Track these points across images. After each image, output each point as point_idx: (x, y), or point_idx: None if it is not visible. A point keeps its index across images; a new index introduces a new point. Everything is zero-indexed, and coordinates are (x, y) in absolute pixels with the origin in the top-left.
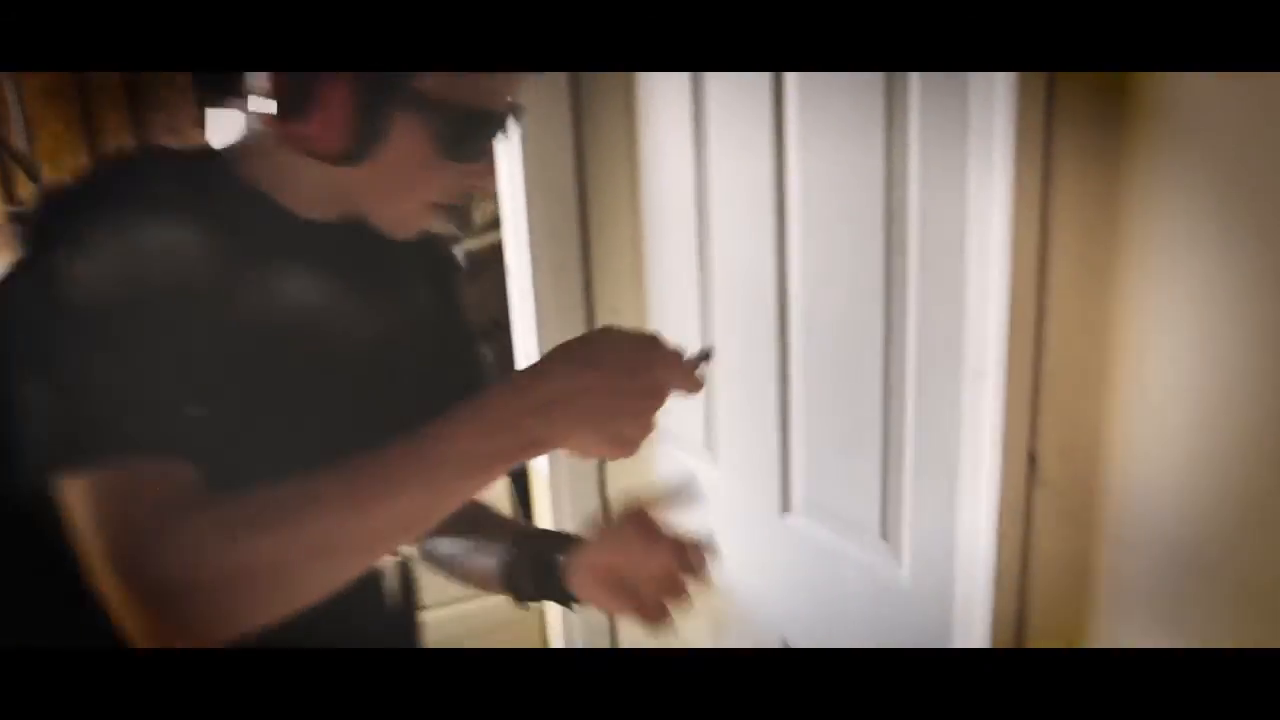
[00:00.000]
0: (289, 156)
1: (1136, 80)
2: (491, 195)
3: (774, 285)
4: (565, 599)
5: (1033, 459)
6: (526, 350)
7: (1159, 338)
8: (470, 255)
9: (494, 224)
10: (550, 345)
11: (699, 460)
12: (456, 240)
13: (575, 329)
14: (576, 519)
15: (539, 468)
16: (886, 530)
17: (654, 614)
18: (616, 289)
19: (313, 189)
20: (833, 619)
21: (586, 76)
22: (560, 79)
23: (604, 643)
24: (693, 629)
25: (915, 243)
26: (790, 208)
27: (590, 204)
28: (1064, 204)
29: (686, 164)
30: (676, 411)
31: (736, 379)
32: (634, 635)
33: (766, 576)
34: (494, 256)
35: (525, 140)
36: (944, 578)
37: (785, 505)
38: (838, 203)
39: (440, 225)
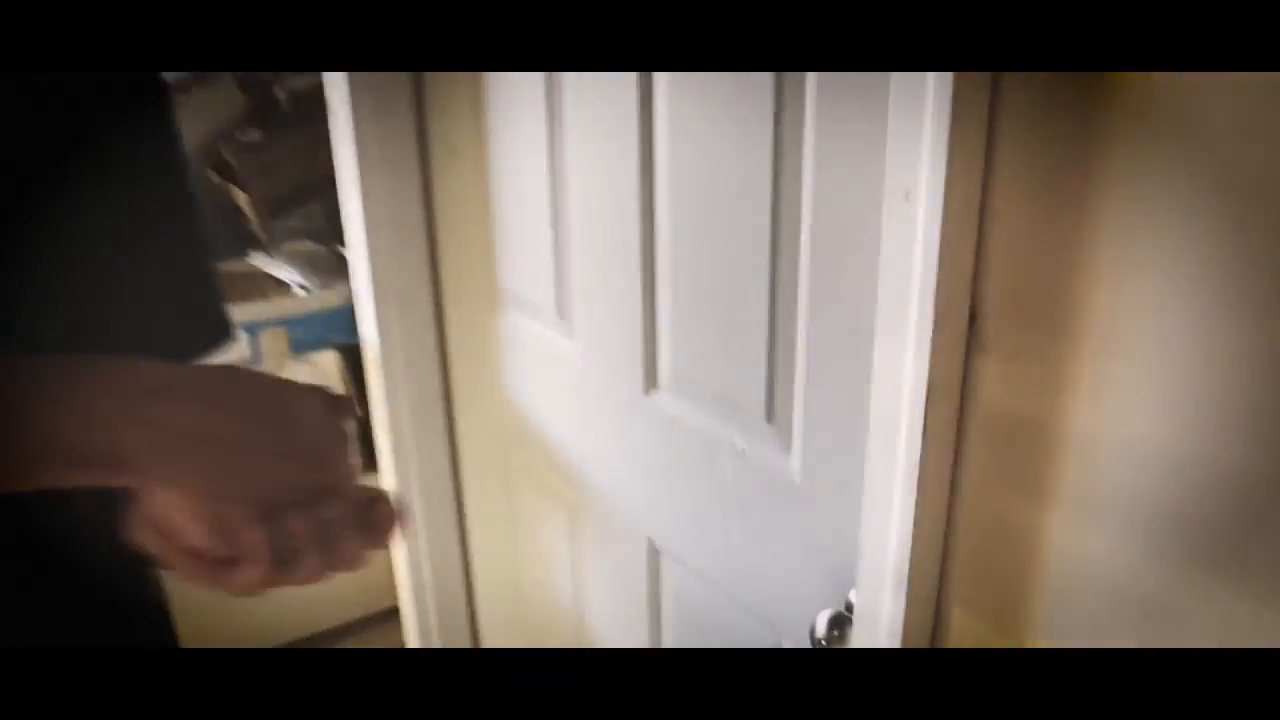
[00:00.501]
0: None
1: None
2: None
3: (636, 112)
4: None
5: (974, 317)
6: (355, 208)
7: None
8: (295, 96)
9: None
10: (380, 200)
11: (549, 329)
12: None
13: (409, 173)
14: (422, 463)
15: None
16: (773, 410)
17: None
18: (455, 126)
19: None
20: (707, 517)
21: None
22: None
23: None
24: (548, 529)
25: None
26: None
27: None
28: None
29: None
30: (522, 273)
31: (591, 230)
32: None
33: (630, 467)
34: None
35: None
36: (846, 469)
37: (650, 381)
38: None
39: None
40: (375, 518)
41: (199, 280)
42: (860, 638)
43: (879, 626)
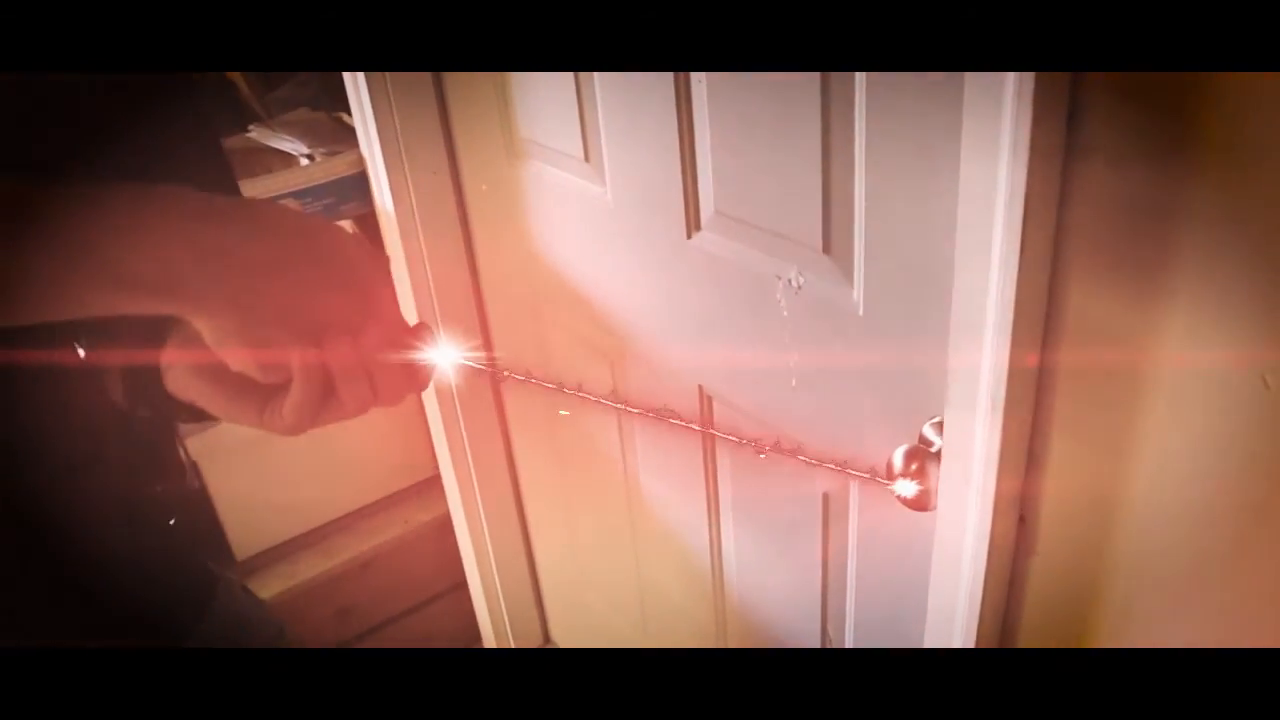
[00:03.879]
0: None
1: None
2: None
3: None
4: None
5: (1074, 114)
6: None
7: None
8: None
9: None
10: None
11: (577, 177)
12: None
13: None
14: (450, 329)
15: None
16: (830, 240)
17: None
18: None
19: None
20: (763, 358)
21: None
22: None
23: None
24: (589, 384)
25: None
26: None
27: None
28: None
29: None
30: (544, 119)
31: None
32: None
33: (674, 314)
34: None
35: None
36: (913, 297)
37: (692, 223)
38: None
39: None
40: (415, 354)
41: (209, 158)
42: (949, 469)
43: (971, 457)
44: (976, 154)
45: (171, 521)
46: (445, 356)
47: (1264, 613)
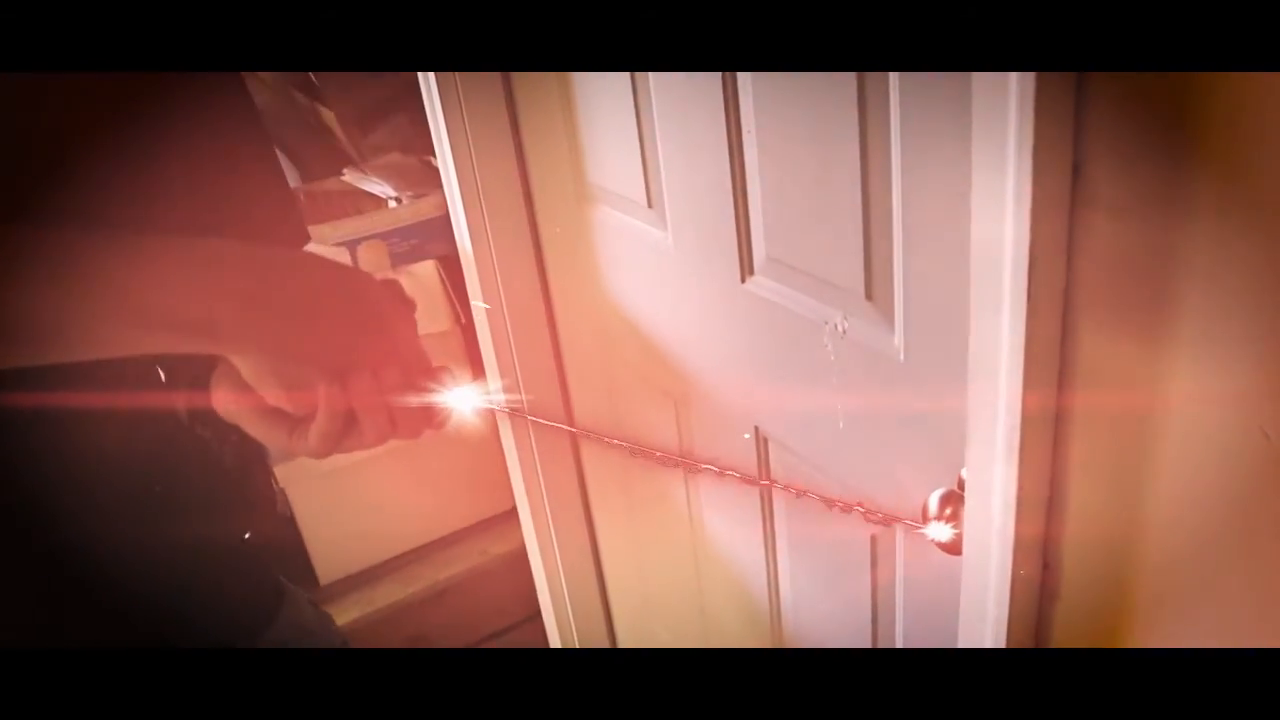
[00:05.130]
0: None
1: None
2: None
3: None
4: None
5: (1077, 170)
6: (438, 116)
7: None
8: None
9: None
10: (462, 106)
11: (640, 222)
12: None
13: (490, 78)
14: (525, 368)
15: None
16: (871, 287)
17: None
18: None
19: None
20: (813, 401)
21: None
22: None
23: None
24: (656, 424)
25: None
26: None
27: None
28: None
29: None
30: (609, 166)
31: (675, 117)
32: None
33: (732, 356)
34: None
35: None
36: (950, 343)
37: (746, 268)
38: None
39: None
40: (434, 393)
41: (275, 197)
42: (973, 514)
43: (991, 501)
44: (984, 208)
45: (246, 536)
46: (463, 398)
47: None
